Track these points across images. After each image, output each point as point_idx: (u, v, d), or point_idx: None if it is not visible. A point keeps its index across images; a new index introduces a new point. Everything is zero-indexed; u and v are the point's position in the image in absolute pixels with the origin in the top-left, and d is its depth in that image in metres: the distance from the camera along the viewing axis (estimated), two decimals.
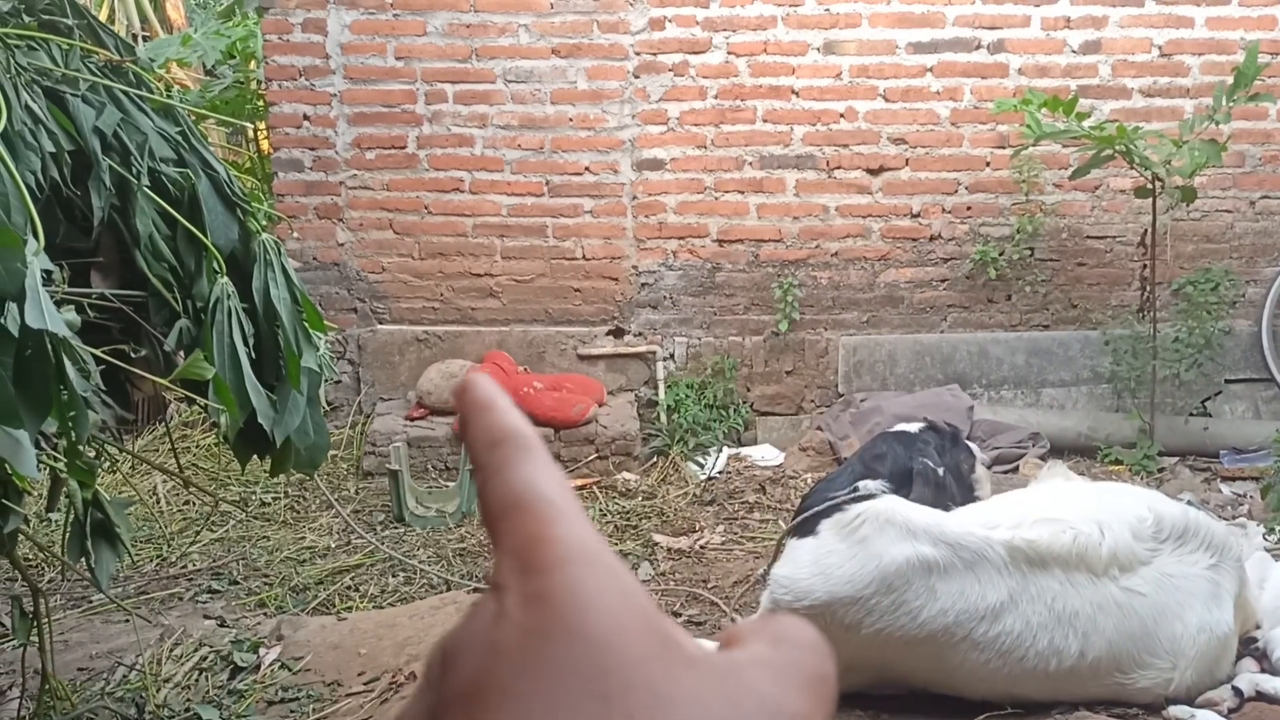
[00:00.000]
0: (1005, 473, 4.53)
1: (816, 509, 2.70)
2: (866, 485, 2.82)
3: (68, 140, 1.70)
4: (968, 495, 3.08)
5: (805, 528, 2.68)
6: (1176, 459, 4.82)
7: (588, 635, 0.27)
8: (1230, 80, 4.40)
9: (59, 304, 1.46)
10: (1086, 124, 4.47)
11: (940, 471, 3.03)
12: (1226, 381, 5.28)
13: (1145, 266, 5.18)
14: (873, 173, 5.23)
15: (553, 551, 0.29)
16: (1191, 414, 5.15)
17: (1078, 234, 5.28)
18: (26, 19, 1.79)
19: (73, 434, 1.45)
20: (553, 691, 0.26)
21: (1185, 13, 5.14)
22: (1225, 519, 3.87)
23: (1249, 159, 5.26)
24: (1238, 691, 2.61)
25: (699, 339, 5.29)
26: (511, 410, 0.33)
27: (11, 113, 1.50)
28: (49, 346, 1.32)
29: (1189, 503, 3.77)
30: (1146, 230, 5.02)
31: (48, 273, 1.43)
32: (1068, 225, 5.27)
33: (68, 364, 1.35)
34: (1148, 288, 5.15)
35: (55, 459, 1.83)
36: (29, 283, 1.29)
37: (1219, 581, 2.58)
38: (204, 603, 3.37)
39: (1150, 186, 4.64)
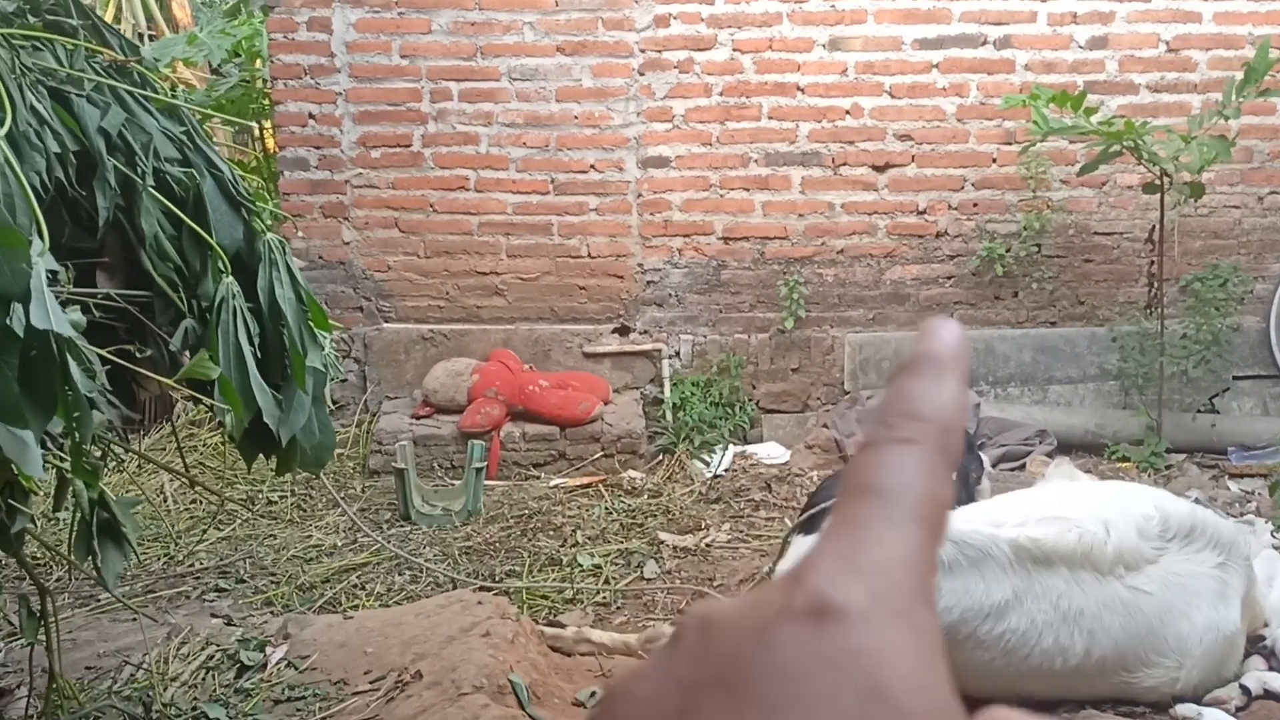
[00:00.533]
0: (1012, 470, 4.52)
1: (823, 506, 2.69)
2: None
3: (73, 140, 1.71)
4: (969, 503, 3.07)
5: (811, 525, 2.67)
6: (1184, 456, 4.81)
7: (886, 696, 0.26)
8: (1239, 75, 4.38)
9: (64, 304, 1.46)
10: (1094, 120, 4.45)
11: None
12: (1234, 378, 5.26)
13: (1153, 263, 5.16)
14: (879, 169, 5.21)
15: (869, 579, 0.27)
16: (1199, 411, 5.13)
17: (1085, 230, 5.27)
18: (31, 19, 1.79)
19: (78, 434, 1.45)
20: None
21: (1193, 7, 5.12)
22: (1233, 516, 3.86)
23: (1257, 154, 5.24)
24: (1246, 690, 2.60)
25: (705, 337, 5.29)
26: (956, 387, 0.31)
27: (16, 113, 1.50)
28: (54, 347, 1.33)
29: (1196, 500, 3.76)
30: (1154, 226, 5.00)
31: (53, 273, 1.43)
32: (1075, 222, 5.25)
33: (73, 364, 1.35)
34: (1155, 284, 5.13)
35: (61, 459, 1.83)
36: (34, 283, 1.29)
37: (1226, 580, 2.57)
38: (211, 601, 3.37)
39: (1158, 182, 4.62)
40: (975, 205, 5.24)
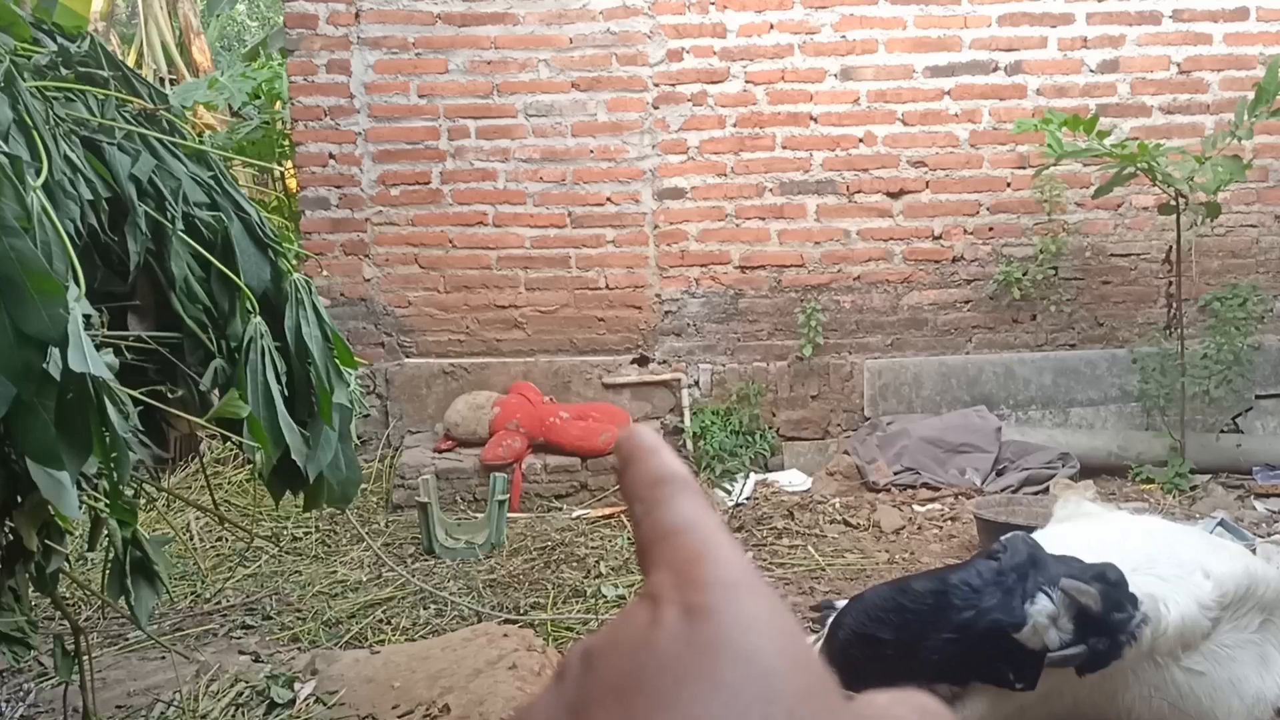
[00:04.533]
0: (1035, 494, 4.50)
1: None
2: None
3: (104, 187, 1.75)
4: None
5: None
6: (1209, 477, 4.78)
7: (757, 659, 0.28)
8: (1250, 95, 4.39)
9: (99, 347, 1.50)
10: (1107, 142, 4.47)
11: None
12: (1257, 397, 5.23)
13: (1171, 283, 5.16)
14: (893, 196, 5.24)
15: (716, 571, 0.30)
16: (1223, 431, 5.10)
17: (1102, 252, 5.27)
18: (64, 71, 1.84)
19: (114, 475, 1.48)
20: (720, 705, 0.27)
21: (1203, 29, 5.14)
22: (1259, 536, 3.83)
23: (1273, 173, 5.24)
24: None
25: (723, 365, 5.31)
26: (673, 455, 0.36)
27: (52, 163, 1.55)
28: (91, 389, 1.36)
29: (1222, 521, 3.74)
30: (1171, 247, 5.00)
31: (87, 317, 1.47)
32: (1091, 244, 5.26)
33: (109, 406, 1.39)
34: (1174, 304, 5.12)
35: (95, 499, 1.87)
36: (71, 328, 1.33)
37: (1266, 640, 2.35)
38: (239, 638, 3.39)
39: (1174, 203, 4.63)
40: (991, 229, 5.26)
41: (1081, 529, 2.57)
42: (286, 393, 1.86)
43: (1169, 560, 2.27)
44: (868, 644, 2.16)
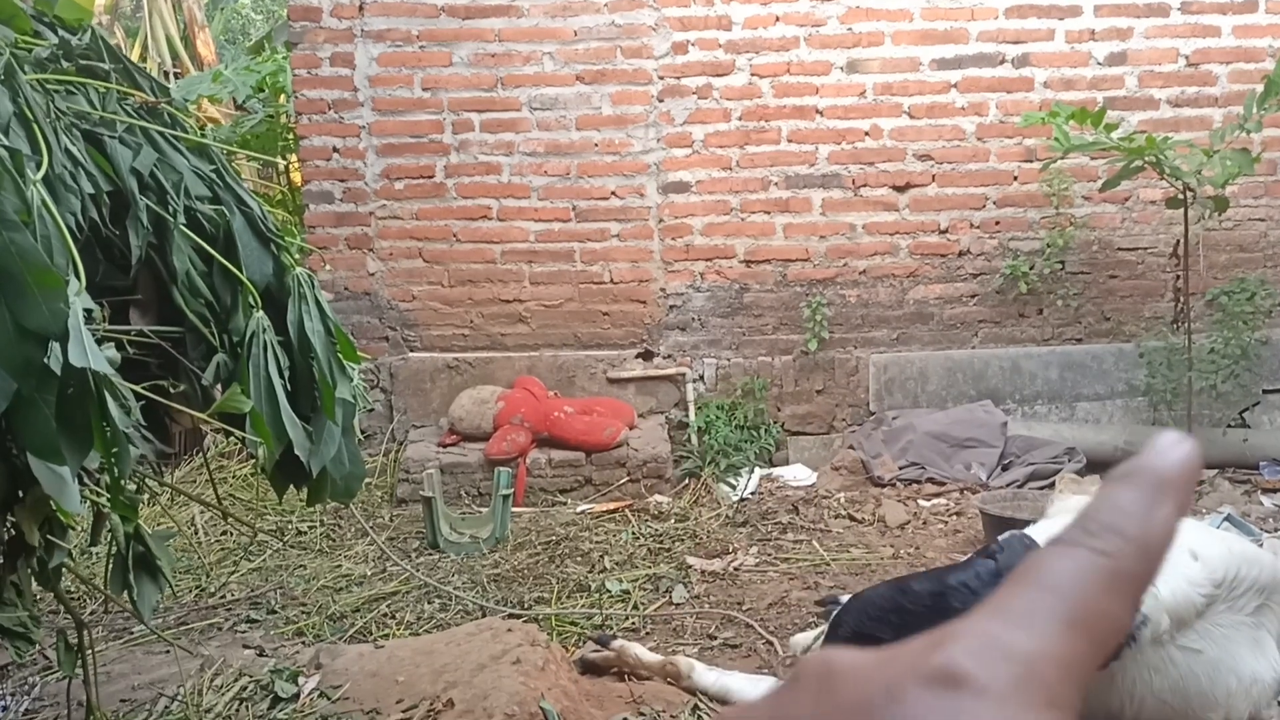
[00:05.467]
0: (1041, 489, 4.49)
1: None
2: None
3: (106, 181, 1.74)
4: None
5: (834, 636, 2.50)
6: (1215, 471, 4.76)
7: None
8: (1259, 88, 4.37)
9: (100, 342, 1.49)
10: (1115, 135, 4.45)
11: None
12: (1265, 392, 5.21)
13: (1178, 277, 5.13)
14: (899, 190, 5.22)
15: (1030, 674, 0.27)
16: (1229, 425, 5.08)
17: (1109, 246, 5.25)
18: (65, 64, 1.83)
19: (115, 470, 1.47)
20: None
21: (1211, 22, 5.11)
22: (1266, 532, 3.81)
23: None
24: None
25: (728, 360, 5.29)
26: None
27: (52, 156, 1.54)
28: (92, 384, 1.35)
29: (1228, 516, 3.72)
30: (1179, 241, 4.97)
31: (88, 311, 1.46)
32: (1098, 238, 5.24)
33: (110, 401, 1.38)
34: (1181, 299, 5.10)
35: (97, 494, 1.86)
36: (72, 322, 1.32)
37: (1261, 624, 2.41)
38: (243, 632, 3.39)
39: (1181, 197, 4.60)
40: (997, 223, 5.23)
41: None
42: (289, 387, 1.86)
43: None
44: (868, 643, 2.18)
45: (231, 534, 4.28)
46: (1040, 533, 2.49)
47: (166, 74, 7.93)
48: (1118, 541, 0.28)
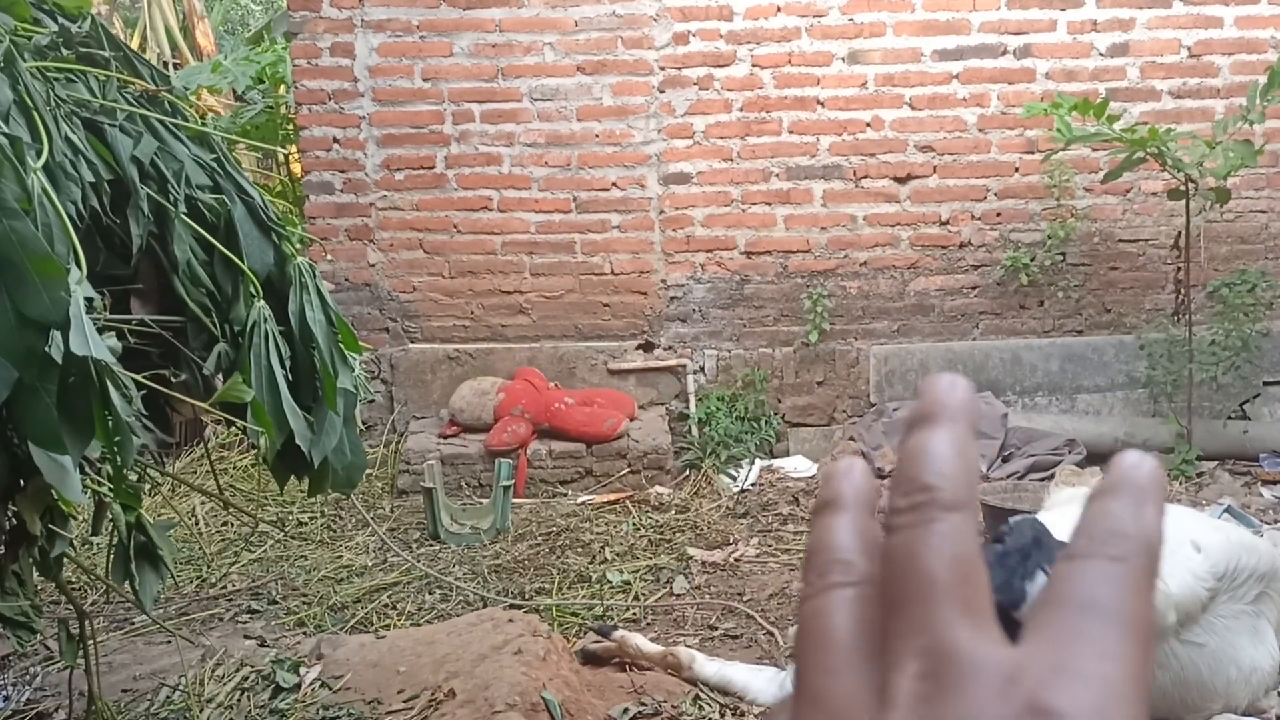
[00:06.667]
0: (1042, 480, 4.49)
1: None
2: None
3: (106, 170, 1.73)
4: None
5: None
6: (1215, 463, 4.76)
7: None
8: (1262, 79, 4.36)
9: (101, 331, 1.49)
10: (1117, 127, 4.44)
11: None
12: (1265, 384, 5.21)
13: (1179, 269, 5.13)
14: (900, 181, 5.21)
15: (1109, 695, 0.27)
16: (1230, 417, 5.08)
17: (1110, 238, 5.24)
18: (65, 52, 1.82)
19: (118, 459, 1.47)
20: None
21: (1214, 13, 5.10)
22: (1266, 524, 3.81)
23: None
24: None
25: (729, 351, 5.29)
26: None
27: (52, 144, 1.53)
28: (93, 373, 1.35)
29: (1228, 508, 3.72)
30: (1180, 233, 4.97)
31: (90, 300, 1.45)
32: (1099, 229, 5.23)
33: (112, 390, 1.37)
34: (1182, 291, 5.09)
35: (99, 483, 1.86)
36: (73, 311, 1.31)
37: (1260, 612, 2.43)
38: (244, 623, 3.39)
39: (1183, 188, 4.59)
40: (999, 215, 5.23)
41: (1074, 512, 2.62)
42: (290, 377, 1.85)
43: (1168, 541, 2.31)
44: None
45: (233, 524, 4.28)
46: (1046, 519, 2.50)
47: (166, 64, 7.90)
48: (1125, 544, 0.29)
